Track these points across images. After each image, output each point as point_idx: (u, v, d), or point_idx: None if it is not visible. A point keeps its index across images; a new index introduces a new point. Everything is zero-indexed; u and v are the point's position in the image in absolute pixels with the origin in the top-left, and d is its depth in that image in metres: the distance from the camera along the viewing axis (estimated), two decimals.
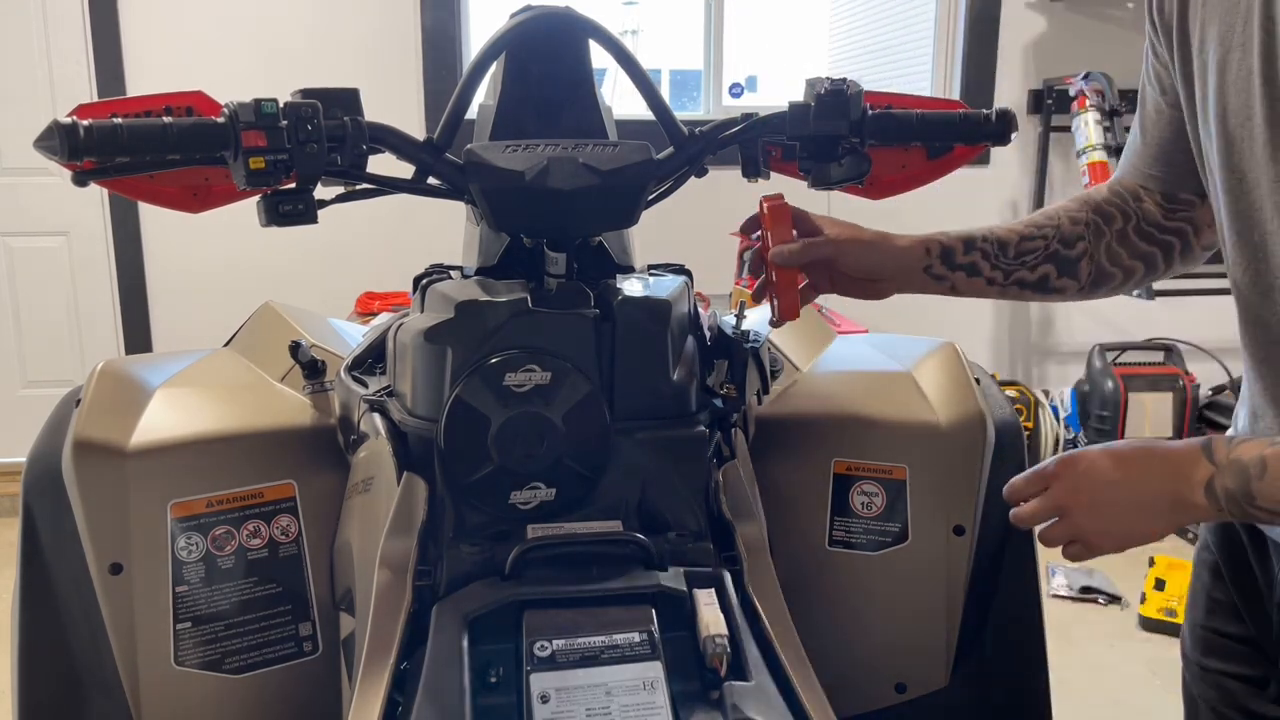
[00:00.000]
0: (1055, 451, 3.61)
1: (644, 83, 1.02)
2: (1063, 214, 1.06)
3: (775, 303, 1.01)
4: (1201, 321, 3.67)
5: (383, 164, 0.93)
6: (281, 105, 0.85)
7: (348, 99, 0.90)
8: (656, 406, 0.91)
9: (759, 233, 1.02)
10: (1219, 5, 0.84)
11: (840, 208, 1.17)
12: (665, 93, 5.33)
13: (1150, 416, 3.48)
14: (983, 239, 1.03)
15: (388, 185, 0.96)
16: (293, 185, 0.88)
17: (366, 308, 3.08)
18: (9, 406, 3.55)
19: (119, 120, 0.82)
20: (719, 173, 1.17)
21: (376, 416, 0.96)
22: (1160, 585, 2.64)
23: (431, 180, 0.98)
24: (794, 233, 1.00)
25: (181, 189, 0.93)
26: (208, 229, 2.88)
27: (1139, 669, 2.45)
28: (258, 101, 0.84)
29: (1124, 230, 1.04)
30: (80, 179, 0.87)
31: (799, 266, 1.00)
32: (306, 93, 0.88)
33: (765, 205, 1.00)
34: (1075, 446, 3.57)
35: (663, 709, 0.70)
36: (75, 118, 0.82)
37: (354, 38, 3.46)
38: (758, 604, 0.84)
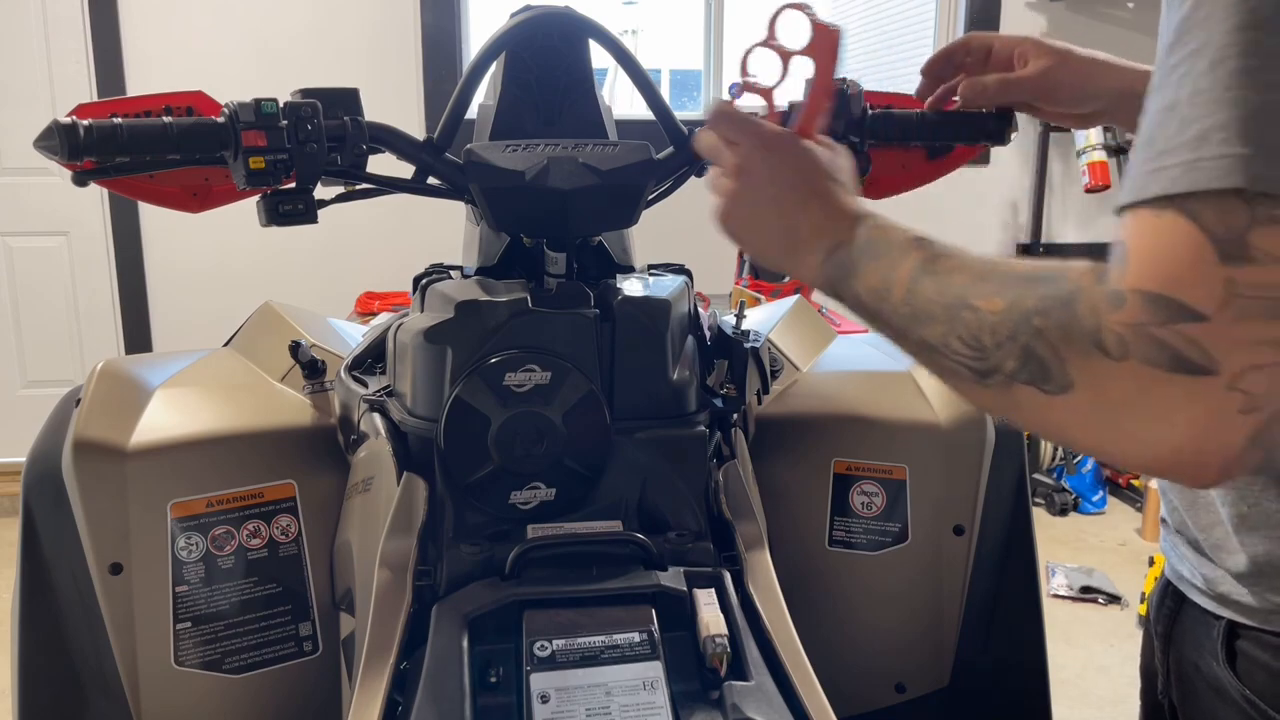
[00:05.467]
0: (1056, 451, 3.61)
1: (644, 82, 1.02)
2: None
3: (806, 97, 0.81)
4: None
5: (383, 164, 0.93)
6: (281, 105, 0.85)
7: (348, 99, 0.90)
8: (656, 406, 0.91)
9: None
10: None
11: None
12: (665, 92, 5.32)
13: None
14: None
15: (388, 185, 0.96)
16: (293, 185, 0.88)
17: (366, 308, 3.08)
18: (9, 406, 3.55)
19: (119, 120, 0.82)
20: None
21: (376, 416, 0.96)
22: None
23: (431, 180, 0.97)
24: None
25: (181, 189, 0.93)
26: (207, 229, 2.88)
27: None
28: (258, 101, 0.84)
29: None
30: (80, 179, 0.87)
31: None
32: (306, 92, 0.88)
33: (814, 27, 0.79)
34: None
35: (663, 709, 0.70)
36: (75, 117, 0.82)
37: (354, 38, 3.46)
38: (758, 604, 0.84)
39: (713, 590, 0.80)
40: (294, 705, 1.04)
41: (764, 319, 1.37)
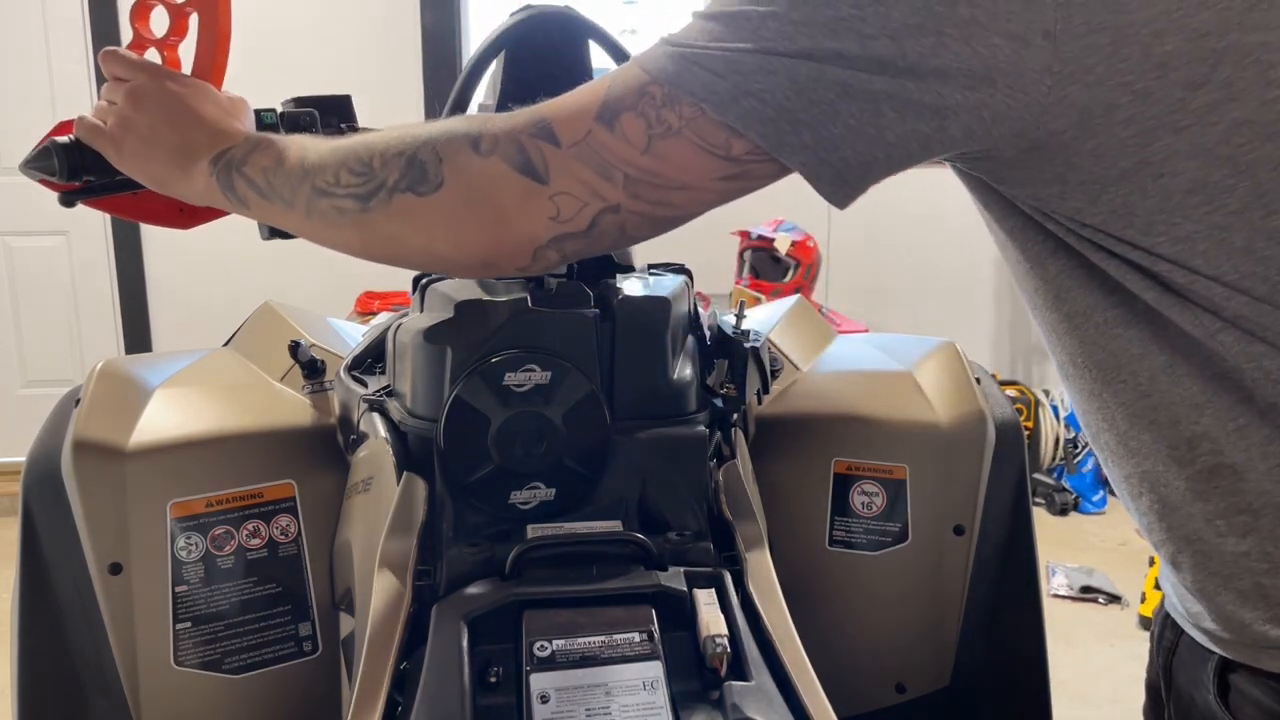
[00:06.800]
0: (1056, 451, 3.61)
1: None
2: None
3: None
4: None
5: None
6: (280, 114, 0.85)
7: (341, 106, 0.90)
8: (656, 406, 0.91)
9: None
10: None
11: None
12: None
13: None
14: None
15: None
16: None
17: (366, 307, 3.09)
18: (9, 406, 3.55)
19: None
20: None
21: (376, 416, 0.96)
22: (1160, 585, 2.65)
23: None
24: None
25: (167, 204, 0.91)
26: (207, 228, 2.88)
27: (1139, 669, 2.44)
28: (257, 112, 0.84)
29: None
30: (67, 199, 0.85)
31: None
32: (300, 101, 0.87)
33: None
34: (1075, 447, 3.57)
35: (663, 709, 0.70)
36: (67, 135, 0.81)
37: (354, 37, 3.46)
38: (758, 604, 0.84)
39: (713, 590, 0.80)
40: (294, 705, 1.04)
41: (764, 319, 1.37)
